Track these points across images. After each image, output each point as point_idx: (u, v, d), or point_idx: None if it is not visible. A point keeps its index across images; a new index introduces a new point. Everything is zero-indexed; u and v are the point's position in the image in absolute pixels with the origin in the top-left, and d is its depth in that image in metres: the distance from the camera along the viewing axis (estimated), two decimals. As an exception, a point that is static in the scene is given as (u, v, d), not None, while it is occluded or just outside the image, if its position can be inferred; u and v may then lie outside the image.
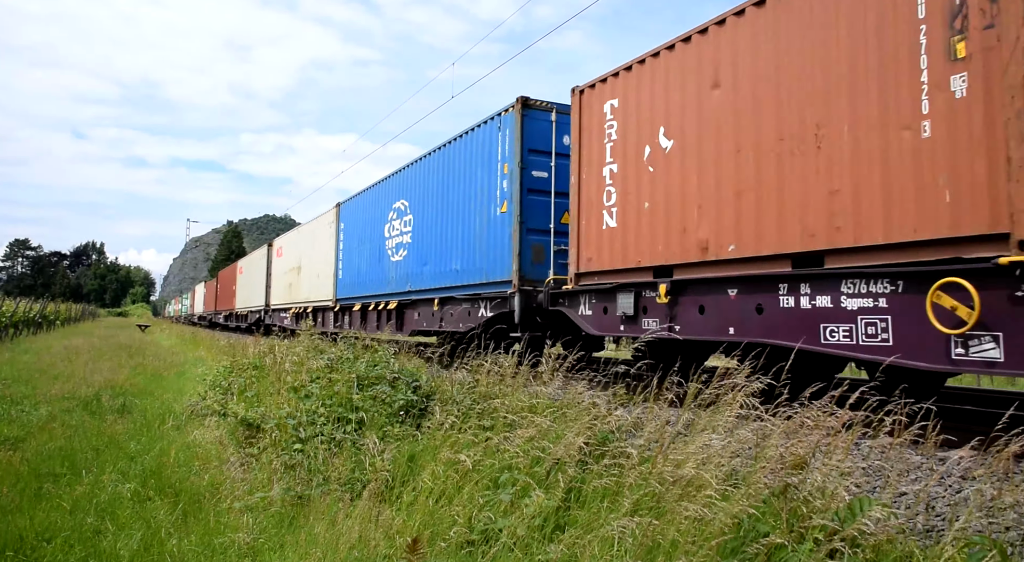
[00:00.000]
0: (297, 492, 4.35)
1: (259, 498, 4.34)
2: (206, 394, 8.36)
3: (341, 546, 3.37)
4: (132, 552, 3.64)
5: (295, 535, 3.74)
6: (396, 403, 5.43)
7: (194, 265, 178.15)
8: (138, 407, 8.45)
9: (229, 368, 9.45)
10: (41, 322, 30.18)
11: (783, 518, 2.87)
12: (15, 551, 3.68)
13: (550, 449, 3.97)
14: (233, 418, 6.45)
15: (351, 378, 5.69)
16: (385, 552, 3.33)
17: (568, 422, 4.49)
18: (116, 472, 5.23)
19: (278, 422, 5.37)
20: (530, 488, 3.61)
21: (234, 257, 75.28)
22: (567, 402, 5.04)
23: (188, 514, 4.27)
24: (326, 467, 4.58)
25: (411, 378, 5.94)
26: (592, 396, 5.13)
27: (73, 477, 5.13)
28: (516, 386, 5.70)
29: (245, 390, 7.65)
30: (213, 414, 7.45)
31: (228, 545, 3.67)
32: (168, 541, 3.76)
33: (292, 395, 6.04)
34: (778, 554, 2.69)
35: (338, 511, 3.84)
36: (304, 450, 4.87)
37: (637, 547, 2.88)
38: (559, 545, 3.01)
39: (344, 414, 5.25)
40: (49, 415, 7.64)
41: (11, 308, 24.60)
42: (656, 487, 3.32)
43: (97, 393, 9.38)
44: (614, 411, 4.86)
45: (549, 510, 3.42)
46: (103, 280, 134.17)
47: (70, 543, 3.79)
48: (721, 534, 2.75)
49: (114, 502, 4.51)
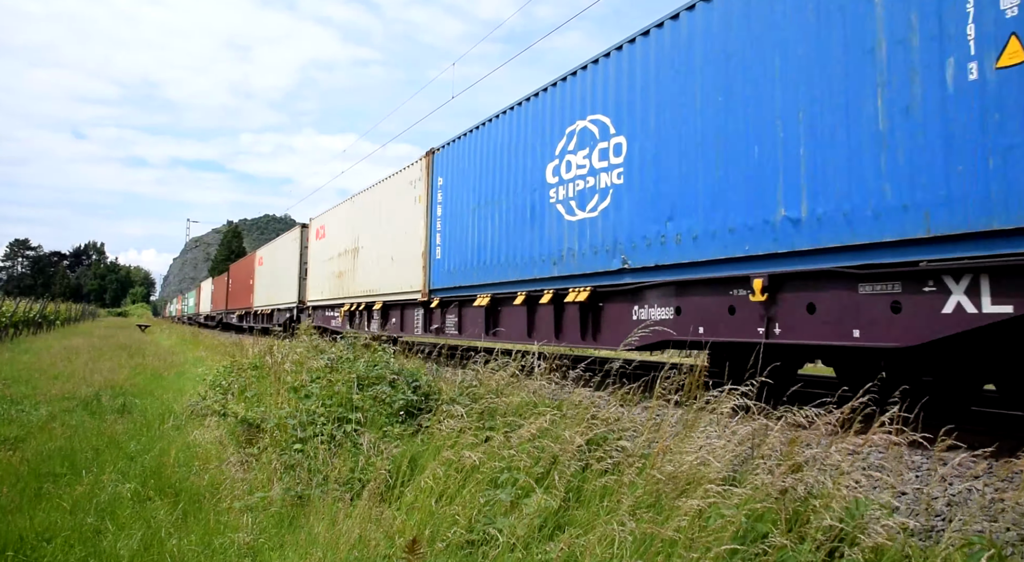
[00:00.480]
0: (297, 492, 4.35)
1: (259, 498, 4.34)
2: (206, 394, 8.36)
3: (341, 546, 3.37)
4: (132, 552, 3.64)
5: (295, 535, 3.74)
6: (396, 403, 5.44)
7: (194, 265, 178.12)
8: (138, 407, 8.45)
9: (229, 368, 9.45)
10: (41, 322, 30.17)
11: (782, 518, 2.87)
12: (15, 551, 3.68)
13: (551, 448, 3.97)
14: (233, 418, 6.45)
15: (351, 378, 5.69)
16: (385, 552, 3.34)
17: (568, 421, 4.49)
18: (116, 472, 5.23)
19: (278, 422, 5.37)
20: (530, 488, 3.61)
21: (234, 257, 73.64)
22: (567, 402, 5.04)
23: (188, 514, 4.27)
24: (326, 467, 4.58)
25: (411, 378, 5.94)
26: (592, 397, 5.13)
27: (73, 477, 5.13)
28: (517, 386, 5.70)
29: (245, 390, 7.65)
30: (213, 414, 7.45)
31: (228, 545, 3.67)
32: (168, 541, 3.76)
33: (292, 395, 6.04)
34: (779, 554, 2.69)
35: (338, 511, 3.84)
36: (304, 450, 4.87)
37: (637, 546, 2.88)
38: (559, 543, 3.01)
39: (344, 414, 5.25)
40: (49, 415, 7.65)
41: (11, 308, 24.60)
42: (655, 486, 3.33)
43: (97, 393, 9.38)
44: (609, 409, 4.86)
45: (549, 510, 3.42)
46: (103, 280, 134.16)
47: (70, 543, 3.79)
48: (721, 531, 2.75)
49: (114, 502, 4.51)
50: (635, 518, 3.01)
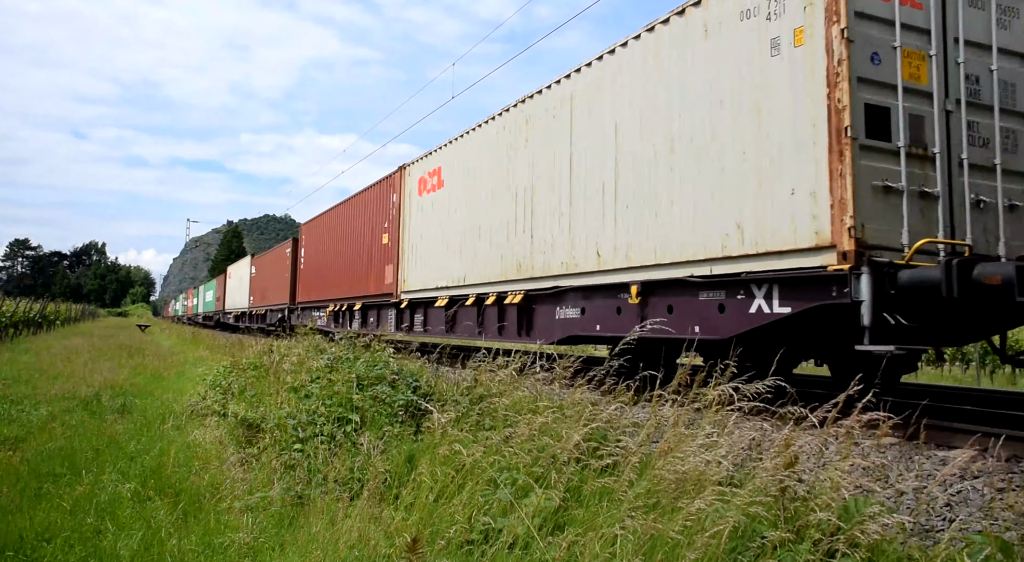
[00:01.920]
0: (297, 492, 4.35)
1: (259, 498, 4.34)
2: (206, 394, 8.36)
3: (341, 546, 3.37)
4: (132, 552, 3.64)
5: (295, 535, 3.74)
6: (396, 403, 5.44)
7: (194, 265, 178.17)
8: (138, 407, 8.46)
9: (229, 368, 9.45)
10: (41, 322, 30.18)
11: (781, 517, 2.87)
12: (15, 551, 3.68)
13: (550, 447, 3.98)
14: (233, 418, 6.45)
15: (351, 378, 5.69)
16: (385, 551, 3.34)
17: (568, 420, 4.49)
18: (116, 472, 5.23)
19: (278, 422, 5.38)
20: (530, 488, 3.61)
21: (234, 257, 69.59)
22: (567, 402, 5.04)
23: (188, 514, 4.28)
24: (326, 467, 4.58)
25: (411, 378, 5.94)
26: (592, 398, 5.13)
27: (73, 477, 5.13)
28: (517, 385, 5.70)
29: (245, 390, 7.65)
30: (213, 414, 7.45)
31: (228, 545, 3.67)
32: (168, 541, 3.76)
33: (292, 395, 6.04)
34: (777, 553, 2.70)
35: (338, 511, 3.84)
36: (304, 450, 4.87)
37: (637, 546, 2.88)
38: (559, 542, 3.01)
39: (344, 414, 5.26)
40: (49, 415, 7.65)
41: (11, 308, 24.60)
42: (654, 485, 3.33)
43: (97, 393, 9.39)
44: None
45: (549, 510, 3.43)
46: (103, 280, 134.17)
47: (70, 543, 3.79)
48: (719, 531, 2.76)
49: (114, 502, 4.51)
50: (634, 517, 3.02)
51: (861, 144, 5.58)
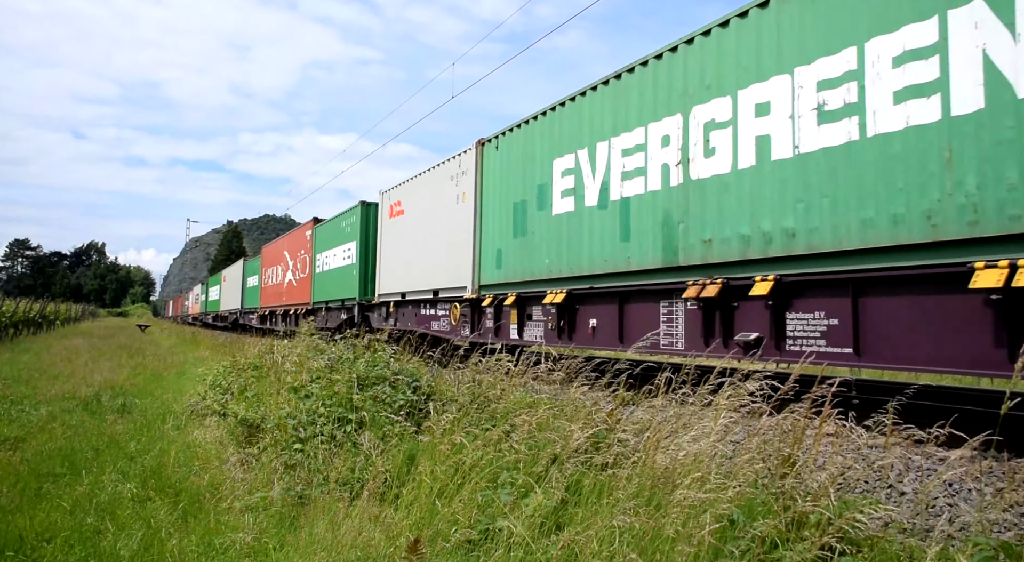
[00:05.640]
0: (297, 492, 4.35)
1: (259, 498, 4.34)
2: (206, 394, 8.36)
3: (341, 545, 3.37)
4: (132, 552, 3.64)
5: (295, 535, 3.74)
6: (396, 403, 5.44)
7: (194, 265, 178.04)
8: (138, 407, 8.46)
9: (229, 368, 9.45)
10: (41, 322, 30.19)
11: (780, 515, 2.87)
12: (15, 551, 3.68)
13: (550, 446, 3.97)
14: (233, 418, 6.45)
15: (351, 378, 5.69)
16: (385, 551, 3.34)
17: (567, 419, 4.49)
18: (116, 472, 5.23)
19: (278, 422, 5.38)
20: (530, 488, 3.61)
21: (234, 257, 69.76)
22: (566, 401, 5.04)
23: (188, 514, 4.28)
24: (326, 467, 4.58)
25: (411, 378, 5.94)
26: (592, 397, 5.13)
27: (73, 477, 5.13)
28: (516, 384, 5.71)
29: (245, 390, 7.65)
30: (213, 414, 7.45)
31: (228, 545, 3.67)
32: (168, 541, 3.76)
33: (292, 395, 6.04)
34: (772, 550, 2.69)
35: (338, 511, 3.84)
36: (304, 450, 4.87)
37: (635, 542, 2.88)
38: (559, 541, 3.02)
39: (344, 414, 5.25)
40: (49, 415, 7.65)
41: (11, 308, 24.61)
42: (651, 480, 3.33)
43: (97, 393, 9.39)
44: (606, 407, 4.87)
45: (548, 509, 3.43)
46: (103, 280, 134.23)
47: (70, 543, 3.79)
48: (716, 522, 2.76)
49: (114, 502, 4.51)
50: (632, 514, 3.01)
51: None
